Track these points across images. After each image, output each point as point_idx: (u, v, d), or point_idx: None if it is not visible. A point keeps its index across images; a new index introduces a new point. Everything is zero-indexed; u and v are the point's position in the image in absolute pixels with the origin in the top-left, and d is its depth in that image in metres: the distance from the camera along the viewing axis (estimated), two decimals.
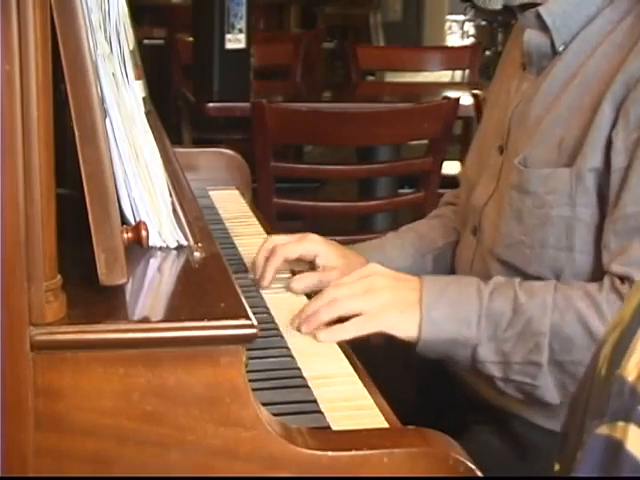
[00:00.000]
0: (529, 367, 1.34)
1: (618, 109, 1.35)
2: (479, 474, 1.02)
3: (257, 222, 1.91)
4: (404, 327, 1.35)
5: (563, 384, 1.34)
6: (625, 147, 1.34)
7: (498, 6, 1.50)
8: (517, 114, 1.52)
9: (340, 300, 1.36)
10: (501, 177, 1.51)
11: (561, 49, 1.46)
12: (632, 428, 0.65)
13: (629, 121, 1.34)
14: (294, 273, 1.58)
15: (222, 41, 3.63)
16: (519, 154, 1.46)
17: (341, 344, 1.35)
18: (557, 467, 0.77)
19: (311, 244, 1.57)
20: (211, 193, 2.05)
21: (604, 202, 1.37)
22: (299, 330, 1.37)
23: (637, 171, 1.33)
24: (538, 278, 1.42)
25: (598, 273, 1.37)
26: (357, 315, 1.36)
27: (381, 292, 1.37)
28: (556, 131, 1.43)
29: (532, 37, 1.48)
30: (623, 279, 1.33)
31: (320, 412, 1.15)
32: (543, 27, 1.46)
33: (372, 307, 1.36)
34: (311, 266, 1.58)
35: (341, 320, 1.36)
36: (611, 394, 0.67)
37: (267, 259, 1.54)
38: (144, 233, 1.11)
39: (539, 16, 1.46)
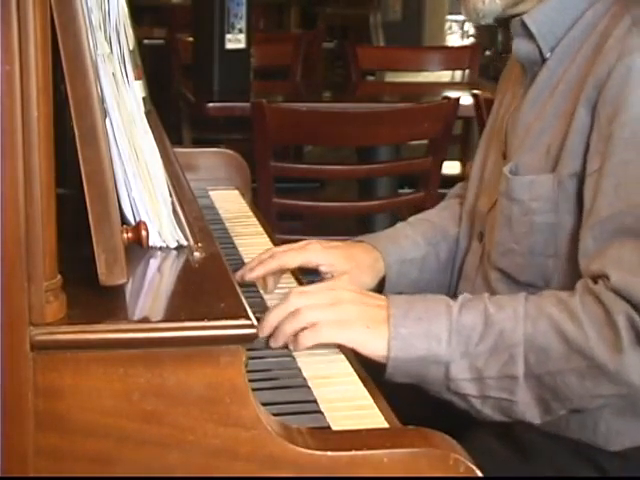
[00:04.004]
0: (505, 381, 1.28)
1: (593, 113, 1.34)
2: (479, 474, 1.02)
3: (257, 222, 1.91)
4: (371, 343, 1.29)
5: (543, 399, 1.28)
6: (597, 150, 1.33)
7: (490, 21, 1.49)
8: (511, 120, 1.52)
9: (303, 310, 1.30)
10: None
11: (548, 55, 1.46)
12: None
13: (600, 124, 1.33)
14: (300, 283, 1.56)
15: (222, 41, 3.64)
16: (512, 161, 1.46)
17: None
18: None
19: (312, 254, 1.53)
20: (211, 193, 2.05)
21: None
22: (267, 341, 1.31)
23: (608, 173, 1.31)
24: (531, 286, 1.40)
25: None
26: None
27: (347, 305, 1.31)
28: (544, 138, 1.42)
29: (520, 45, 1.48)
30: (597, 278, 1.29)
31: (320, 412, 1.15)
32: (529, 35, 1.46)
33: (337, 319, 1.30)
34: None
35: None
36: None
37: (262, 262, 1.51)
38: (144, 233, 1.11)
39: (524, 24, 1.46)
